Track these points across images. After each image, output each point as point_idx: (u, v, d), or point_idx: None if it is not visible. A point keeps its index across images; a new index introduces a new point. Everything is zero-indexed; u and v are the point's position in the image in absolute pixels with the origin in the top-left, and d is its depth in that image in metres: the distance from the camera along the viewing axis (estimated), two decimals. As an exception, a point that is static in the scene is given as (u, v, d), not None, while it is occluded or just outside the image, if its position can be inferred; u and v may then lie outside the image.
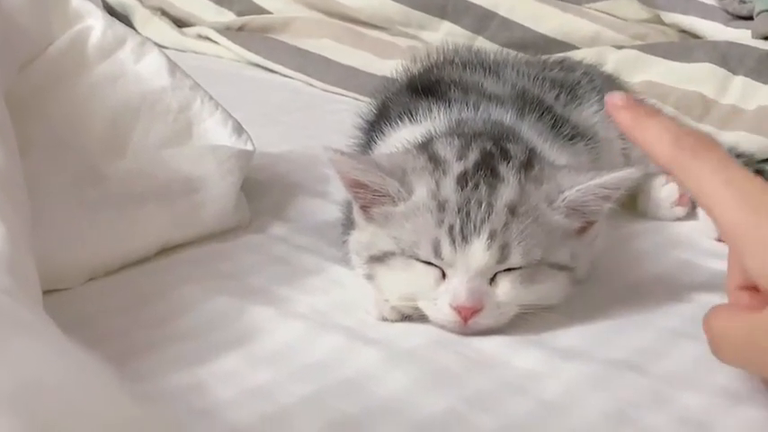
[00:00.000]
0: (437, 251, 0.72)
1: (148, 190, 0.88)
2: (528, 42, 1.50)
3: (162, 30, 1.85)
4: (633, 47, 1.37)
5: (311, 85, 1.58)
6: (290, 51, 1.65)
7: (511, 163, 0.75)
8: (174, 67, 1.00)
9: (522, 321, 0.74)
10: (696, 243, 0.94)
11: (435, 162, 0.75)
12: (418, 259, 0.73)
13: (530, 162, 0.76)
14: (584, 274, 0.80)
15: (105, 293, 0.79)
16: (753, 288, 0.62)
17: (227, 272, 0.84)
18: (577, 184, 0.73)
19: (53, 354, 0.31)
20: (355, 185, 0.75)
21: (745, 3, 1.40)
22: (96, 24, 0.99)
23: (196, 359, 0.68)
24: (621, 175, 0.73)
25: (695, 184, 0.59)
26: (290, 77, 1.61)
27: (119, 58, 0.98)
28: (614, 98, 0.65)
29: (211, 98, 0.99)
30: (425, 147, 0.78)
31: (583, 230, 0.77)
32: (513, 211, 0.72)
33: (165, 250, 0.87)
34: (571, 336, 0.74)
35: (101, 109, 0.94)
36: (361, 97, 1.35)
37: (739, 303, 0.63)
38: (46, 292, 0.71)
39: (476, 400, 0.65)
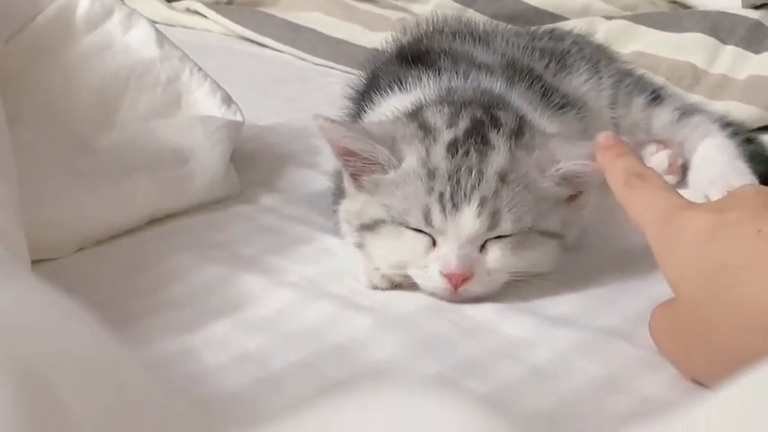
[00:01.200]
0: (427, 218, 0.72)
1: (138, 160, 0.88)
2: (518, 14, 1.49)
3: (151, 4, 1.83)
4: (623, 17, 1.36)
5: (301, 58, 1.57)
6: (280, 25, 1.64)
7: (501, 130, 0.75)
8: (162, 38, 0.99)
9: (513, 289, 0.74)
10: (686, 211, 0.94)
11: (425, 130, 0.75)
12: (408, 227, 0.73)
13: (520, 130, 0.76)
14: (574, 241, 0.80)
15: (95, 263, 0.79)
16: None
17: (218, 241, 0.84)
18: (573, 154, 0.73)
19: (32, 296, 0.32)
20: (345, 153, 0.75)
21: (735, -28, 1.40)
22: (84, -6, 0.98)
23: (187, 326, 0.69)
24: None
25: (633, 212, 0.67)
26: (280, 51, 1.61)
27: (106, 29, 0.98)
28: (600, 138, 0.72)
29: (200, 69, 0.99)
30: (415, 115, 0.78)
31: (573, 198, 0.77)
32: (503, 178, 0.72)
33: (155, 220, 0.87)
34: (562, 303, 0.74)
35: (89, 80, 0.94)
36: (351, 70, 1.34)
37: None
38: (35, 262, 0.72)
39: (466, 365, 0.65)
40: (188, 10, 1.80)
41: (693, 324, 0.60)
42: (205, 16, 1.76)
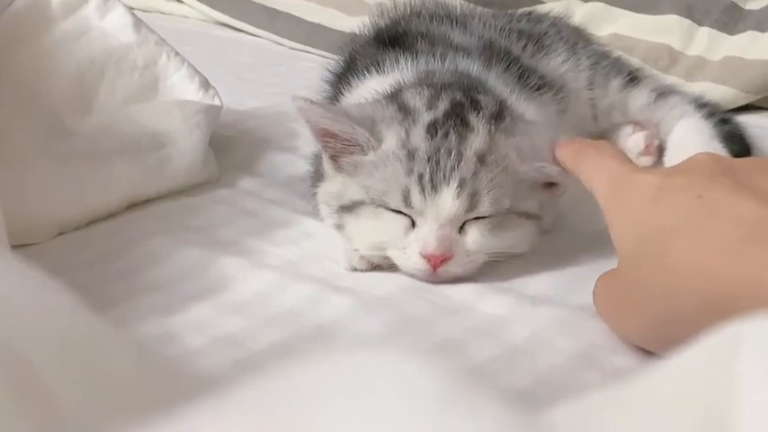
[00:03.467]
0: (407, 199, 0.72)
1: (116, 145, 0.87)
2: (495, -2, 1.49)
3: (127, -10, 1.82)
4: (600, 0, 1.37)
5: (279, 43, 1.57)
6: (257, 10, 1.63)
7: (481, 113, 0.75)
8: (139, 22, 0.99)
9: (491, 269, 0.75)
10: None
11: (405, 111, 0.75)
12: (388, 208, 0.74)
13: (500, 113, 0.76)
14: (551, 223, 0.81)
15: (74, 248, 0.79)
16: None
17: (197, 225, 0.84)
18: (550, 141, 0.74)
19: (11, 275, 0.32)
20: (324, 135, 0.75)
21: (710, -45, 1.41)
22: (60, -20, 0.98)
23: (166, 309, 0.69)
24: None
25: (585, 177, 0.68)
26: (258, 36, 1.61)
27: (83, 15, 0.97)
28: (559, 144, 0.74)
29: (177, 54, 0.99)
30: (394, 96, 0.78)
31: (551, 184, 0.77)
32: (482, 160, 0.73)
33: (134, 205, 0.87)
34: (538, 282, 0.75)
35: (66, 65, 0.93)
36: (329, 54, 1.34)
37: None
38: (14, 247, 0.71)
39: (445, 344, 0.65)
40: (165, -5, 1.79)
41: (630, 286, 0.61)
42: (182, 2, 1.75)
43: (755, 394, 0.27)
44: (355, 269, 0.76)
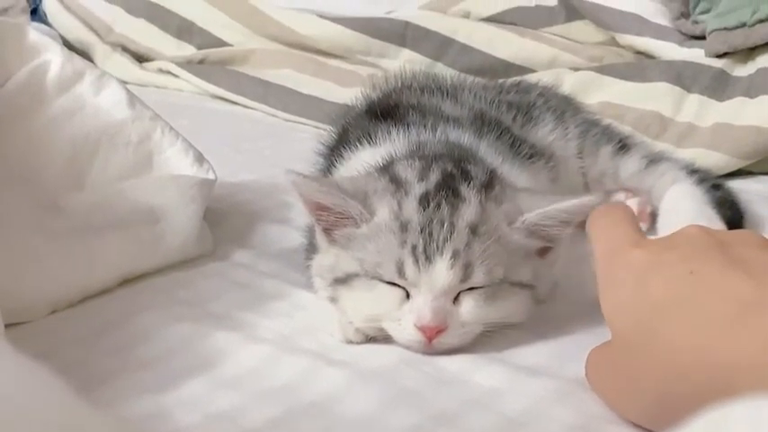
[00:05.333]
0: (401, 271, 0.72)
1: (109, 221, 0.87)
2: (487, 67, 1.52)
3: (122, 65, 1.85)
4: (590, 68, 1.39)
5: (273, 115, 1.58)
6: (251, 82, 1.65)
7: (472, 183, 0.75)
8: (133, 98, 1.00)
9: (486, 339, 0.75)
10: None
11: (397, 183, 0.76)
12: (382, 280, 0.73)
13: (491, 182, 0.76)
14: (546, 293, 0.81)
15: (67, 325, 0.79)
16: None
17: (190, 299, 0.84)
18: (538, 206, 0.74)
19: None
20: (317, 208, 0.75)
21: (697, 23, 1.43)
22: (54, 58, 0.99)
23: (158, 386, 0.68)
24: (581, 202, 0.74)
25: (593, 242, 0.66)
26: (252, 108, 1.62)
27: (78, 92, 0.98)
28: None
29: (172, 129, 0.99)
30: (386, 169, 0.79)
31: (544, 252, 0.77)
32: (474, 230, 0.73)
33: (128, 280, 0.87)
34: (534, 353, 0.75)
35: (60, 142, 0.94)
36: (323, 126, 1.35)
37: None
38: (8, 326, 0.71)
39: (441, 417, 0.65)
40: (160, 70, 1.82)
41: (624, 364, 0.60)
42: (177, 76, 1.77)
43: None
44: (350, 341, 0.76)
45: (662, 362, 0.56)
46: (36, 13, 2.08)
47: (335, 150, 0.92)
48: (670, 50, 1.43)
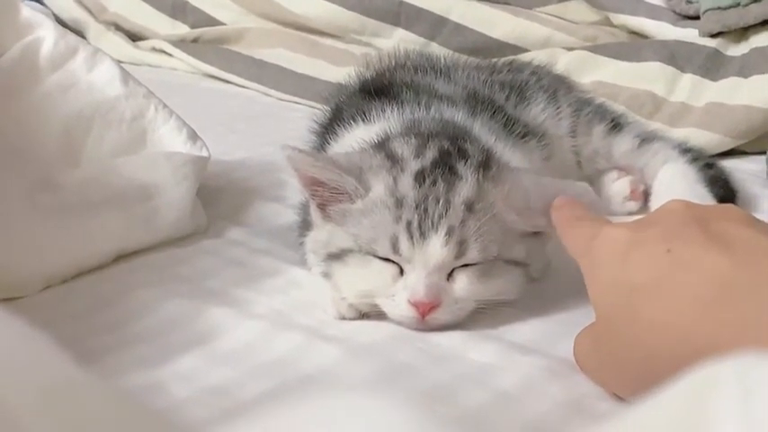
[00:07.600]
0: (395, 247, 0.72)
1: (103, 197, 0.87)
2: (481, 47, 1.51)
3: (116, 44, 1.84)
4: (583, 48, 1.39)
5: (267, 94, 1.58)
6: (245, 62, 1.65)
7: (468, 162, 0.75)
8: (126, 75, 1.00)
9: (479, 316, 0.75)
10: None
11: (392, 160, 0.76)
12: (376, 256, 0.74)
13: (487, 162, 0.77)
14: (539, 270, 0.81)
15: (62, 300, 0.79)
16: None
17: (185, 275, 0.84)
18: (538, 190, 0.75)
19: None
20: (312, 183, 0.75)
21: (691, 2, 1.43)
22: (48, 35, 0.99)
23: (153, 360, 0.68)
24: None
25: (571, 247, 0.68)
26: (246, 87, 1.61)
27: (71, 68, 0.98)
28: (555, 201, 0.73)
29: (165, 106, 0.99)
30: (382, 145, 0.79)
31: (538, 232, 0.78)
32: (470, 207, 0.73)
33: (122, 256, 0.87)
34: (526, 330, 0.75)
35: (54, 118, 0.93)
36: (317, 105, 1.35)
37: None
38: (2, 301, 0.71)
39: (433, 392, 0.65)
40: (153, 49, 1.81)
41: (608, 343, 0.61)
42: (171, 55, 1.76)
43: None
44: (344, 317, 0.76)
45: (643, 342, 0.56)
46: (29, -8, 2.07)
47: (329, 128, 0.92)
48: (664, 30, 1.43)
